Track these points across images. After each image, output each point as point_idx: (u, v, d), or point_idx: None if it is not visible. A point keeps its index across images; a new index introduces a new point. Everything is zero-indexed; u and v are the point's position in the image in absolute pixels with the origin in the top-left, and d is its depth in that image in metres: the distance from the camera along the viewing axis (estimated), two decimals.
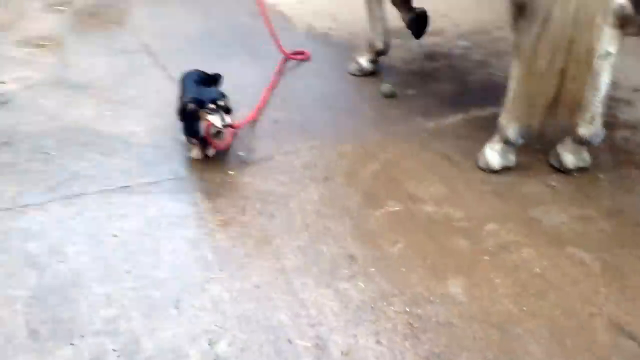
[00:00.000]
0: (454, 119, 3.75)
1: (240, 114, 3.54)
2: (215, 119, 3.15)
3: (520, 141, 3.23)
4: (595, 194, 3.11)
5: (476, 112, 3.77)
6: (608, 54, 2.95)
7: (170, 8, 5.35)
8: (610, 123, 3.53)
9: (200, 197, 3.09)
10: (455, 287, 2.57)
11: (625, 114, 3.82)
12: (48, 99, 3.96)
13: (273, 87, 4.05)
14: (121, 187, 3.15)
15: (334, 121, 3.76)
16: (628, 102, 3.95)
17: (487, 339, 2.34)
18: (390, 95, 3.98)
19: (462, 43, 4.72)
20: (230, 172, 3.26)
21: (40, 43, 4.76)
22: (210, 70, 3.53)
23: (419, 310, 2.46)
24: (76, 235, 2.83)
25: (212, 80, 3.42)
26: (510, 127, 3.20)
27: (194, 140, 3.33)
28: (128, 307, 2.47)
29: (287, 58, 4.35)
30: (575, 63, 2.91)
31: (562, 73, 2.94)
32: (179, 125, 3.33)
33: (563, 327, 2.38)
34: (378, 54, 4.23)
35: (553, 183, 3.18)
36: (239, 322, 2.41)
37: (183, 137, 3.36)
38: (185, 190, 3.14)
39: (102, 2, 5.59)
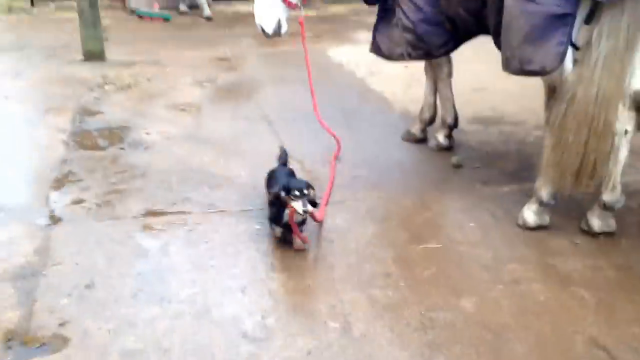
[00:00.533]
0: (509, 188, 4.31)
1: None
2: (297, 205, 3.42)
3: (553, 202, 3.76)
4: (613, 251, 3.55)
5: (530, 185, 4.30)
6: (626, 131, 3.49)
7: (291, 87, 6.34)
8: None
9: None
10: (467, 302, 3.12)
11: None
12: (179, 147, 4.95)
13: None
14: (220, 211, 3.98)
15: (403, 181, 4.44)
16: None
17: (481, 338, 2.87)
18: (458, 166, 4.62)
19: (538, 132, 5.29)
20: None
21: (183, 108, 5.86)
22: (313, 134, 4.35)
23: (432, 314, 3.03)
24: (178, 239, 3.67)
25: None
26: (544, 191, 3.75)
27: (277, 228, 3.63)
28: (207, 289, 3.23)
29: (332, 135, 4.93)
30: (596, 137, 3.46)
31: (586, 146, 3.49)
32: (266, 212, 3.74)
33: (548, 338, 2.87)
34: (450, 129, 4.93)
35: (577, 241, 3.66)
36: (287, 307, 3.10)
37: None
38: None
39: (237, 82, 6.70)
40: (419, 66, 5.24)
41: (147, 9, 10.19)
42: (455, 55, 4.73)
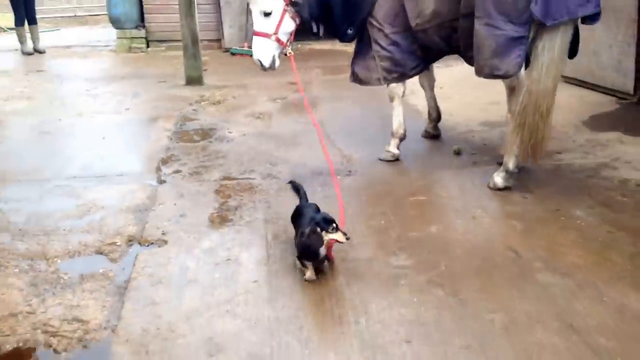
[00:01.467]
0: (493, 167, 5.64)
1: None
2: (339, 236, 3.81)
3: (517, 171, 5.13)
4: (546, 201, 4.88)
5: None
6: None
7: (342, 103, 7.93)
8: None
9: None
10: (434, 228, 4.54)
11: None
12: (252, 140, 6.61)
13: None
14: (274, 178, 5.57)
15: (413, 161, 5.89)
16: None
17: (436, 246, 4.27)
18: (458, 153, 6.02)
19: None
20: None
21: (258, 116, 7.56)
22: (352, 133, 5.91)
23: (408, 234, 4.46)
24: (245, 191, 5.28)
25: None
26: (510, 162, 5.12)
27: (307, 263, 3.90)
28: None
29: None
30: (542, 120, 4.85)
31: (537, 125, 4.87)
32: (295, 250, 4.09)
33: (480, 246, 4.25)
34: (401, 140, 6.05)
35: (527, 196, 5.01)
36: None
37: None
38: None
39: (302, 99, 8.34)
40: (444, 85, 6.70)
41: (239, 47, 12.09)
42: (463, 74, 6.18)
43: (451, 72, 9.11)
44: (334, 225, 3.79)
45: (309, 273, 3.86)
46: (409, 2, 5.42)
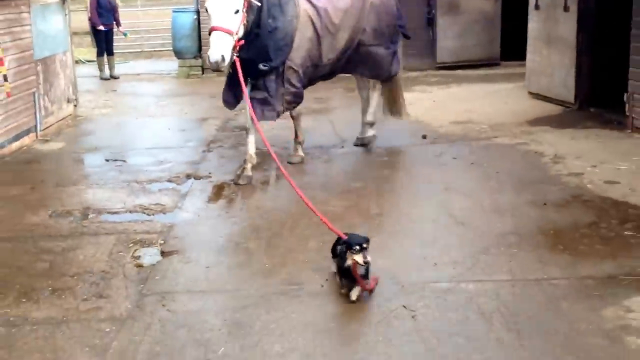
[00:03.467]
0: (442, 145, 7.88)
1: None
2: (358, 258, 3.92)
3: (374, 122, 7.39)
4: (456, 147, 7.12)
5: (455, 144, 7.90)
6: None
7: (351, 111, 10.26)
8: None
9: None
10: (387, 174, 6.81)
11: None
12: (275, 131, 8.98)
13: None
14: (285, 148, 7.90)
15: (390, 145, 8.18)
16: None
17: (384, 178, 6.55)
18: (424, 137, 8.27)
19: (484, 127, 8.79)
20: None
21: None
22: (349, 126, 8.23)
23: (375, 180, 6.76)
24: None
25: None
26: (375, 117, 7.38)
27: (344, 282, 4.14)
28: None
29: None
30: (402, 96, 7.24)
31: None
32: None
33: (411, 178, 6.51)
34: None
35: (455, 157, 7.25)
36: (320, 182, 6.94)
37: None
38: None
39: (322, 107, 10.72)
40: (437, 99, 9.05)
41: None
42: (457, 92, 8.52)
43: (443, 91, 11.39)
44: (358, 247, 3.97)
45: (355, 293, 4.06)
46: (325, 42, 6.69)
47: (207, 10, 6.00)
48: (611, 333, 3.68)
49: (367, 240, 4.02)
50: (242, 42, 6.04)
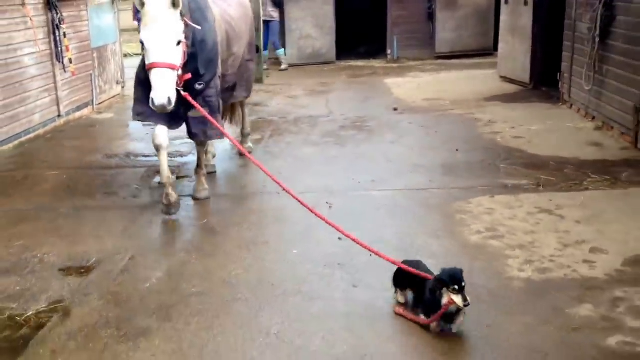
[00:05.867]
0: (409, 115, 9.95)
1: None
2: (458, 299, 3.73)
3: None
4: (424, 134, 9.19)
5: (420, 114, 9.98)
6: None
7: (346, 93, 12.42)
8: None
9: None
10: (370, 135, 8.95)
11: None
12: (285, 107, 11.14)
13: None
14: (291, 114, 10.08)
15: (369, 116, 10.29)
16: None
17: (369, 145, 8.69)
18: (395, 109, 10.35)
19: (447, 104, 10.82)
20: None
21: (290, 97, 12.14)
22: (344, 106, 10.39)
23: (356, 150, 8.90)
24: (281, 134, 9.86)
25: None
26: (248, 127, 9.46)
27: (400, 297, 4.24)
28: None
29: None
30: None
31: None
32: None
33: (396, 158, 8.63)
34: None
35: (411, 122, 9.33)
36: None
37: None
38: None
39: (323, 89, 12.85)
40: (420, 84, 11.11)
41: (285, 66, 16.57)
42: (442, 77, 10.58)
43: (431, 77, 13.41)
44: (456, 287, 3.75)
45: (434, 326, 3.92)
46: (235, 48, 6.56)
47: (142, 43, 5.22)
48: (452, 214, 5.79)
49: (461, 273, 3.85)
50: (189, 75, 5.55)
